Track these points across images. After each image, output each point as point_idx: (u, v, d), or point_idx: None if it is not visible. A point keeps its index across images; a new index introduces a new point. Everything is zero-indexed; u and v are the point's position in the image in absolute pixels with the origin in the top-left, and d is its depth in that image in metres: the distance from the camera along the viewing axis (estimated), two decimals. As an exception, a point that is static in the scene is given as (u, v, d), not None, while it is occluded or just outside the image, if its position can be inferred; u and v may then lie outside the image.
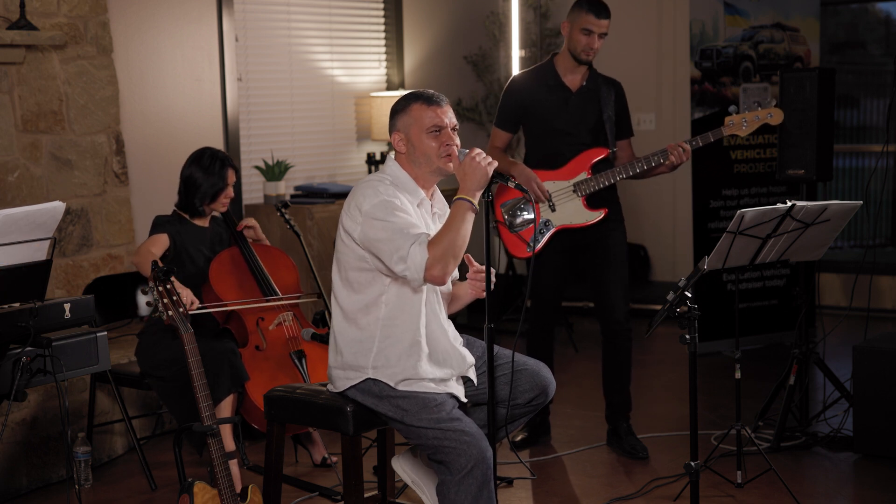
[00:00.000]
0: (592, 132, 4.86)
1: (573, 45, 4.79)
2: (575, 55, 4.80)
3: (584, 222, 4.83)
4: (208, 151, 4.73)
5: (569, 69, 4.86)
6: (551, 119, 4.85)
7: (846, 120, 8.85)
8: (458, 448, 3.31)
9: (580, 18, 4.75)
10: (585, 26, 4.74)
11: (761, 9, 6.78)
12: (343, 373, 3.50)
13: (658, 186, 8.12)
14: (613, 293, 4.89)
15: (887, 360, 4.72)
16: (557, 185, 4.83)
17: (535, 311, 5.05)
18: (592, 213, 4.83)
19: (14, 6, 5.09)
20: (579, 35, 4.76)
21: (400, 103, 3.55)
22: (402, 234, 3.33)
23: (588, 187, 4.81)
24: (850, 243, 8.76)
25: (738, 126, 4.78)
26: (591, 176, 4.81)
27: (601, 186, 4.80)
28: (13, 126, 5.14)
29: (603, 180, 4.80)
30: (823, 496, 4.43)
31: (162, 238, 4.59)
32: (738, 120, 4.77)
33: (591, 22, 4.73)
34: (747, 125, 4.78)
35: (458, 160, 3.45)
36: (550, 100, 4.85)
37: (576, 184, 4.82)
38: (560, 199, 4.82)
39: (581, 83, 4.86)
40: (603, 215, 4.84)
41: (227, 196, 4.72)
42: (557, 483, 4.66)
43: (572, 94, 4.86)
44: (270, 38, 6.86)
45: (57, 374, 3.87)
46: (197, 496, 3.61)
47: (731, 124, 4.77)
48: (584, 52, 4.78)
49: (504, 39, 8.07)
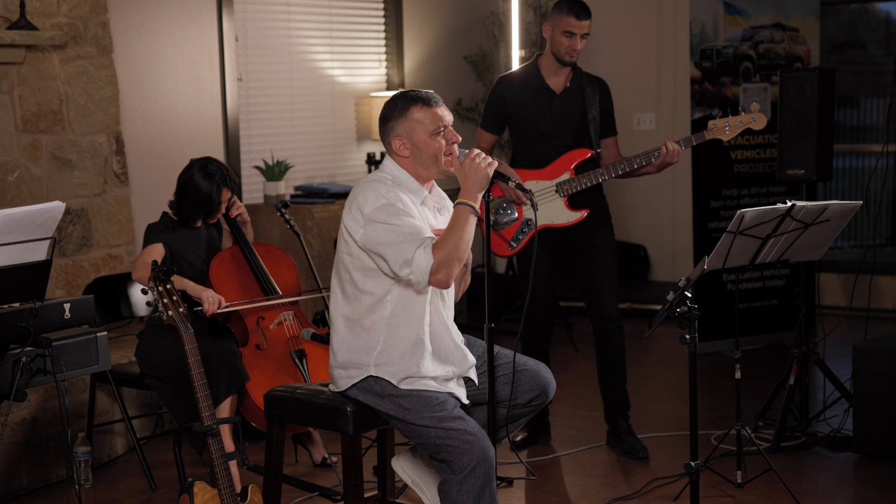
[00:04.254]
0: (575, 133, 4.87)
1: (556, 47, 4.80)
2: (558, 57, 4.81)
3: (565, 222, 4.84)
4: (215, 163, 4.68)
5: (552, 71, 4.87)
6: (535, 122, 4.87)
7: (846, 120, 8.85)
8: (461, 447, 3.31)
9: (561, 20, 4.76)
10: (567, 28, 4.74)
11: (761, 9, 6.78)
12: (345, 371, 3.50)
13: (658, 186, 8.12)
14: (602, 291, 4.90)
15: (887, 360, 4.72)
16: (540, 184, 4.84)
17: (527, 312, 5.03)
18: (573, 214, 4.84)
19: (14, 6, 5.09)
20: (561, 37, 4.76)
21: (395, 108, 3.49)
22: (406, 238, 3.32)
23: (570, 188, 4.82)
24: (850, 243, 8.76)
25: (720, 130, 4.76)
26: (573, 176, 4.83)
27: (583, 187, 4.82)
28: (13, 126, 5.14)
29: (585, 181, 4.81)
30: (823, 496, 4.43)
31: (157, 248, 4.55)
32: (721, 124, 4.76)
33: (572, 24, 4.74)
34: (730, 130, 4.76)
35: (459, 161, 3.45)
36: (534, 103, 4.86)
37: (558, 184, 4.83)
38: (542, 199, 4.82)
39: (565, 84, 4.88)
40: (584, 216, 4.84)
41: (219, 212, 4.68)
42: (557, 483, 4.66)
43: (556, 97, 4.87)
44: (270, 38, 6.86)
45: (57, 374, 3.87)
46: (197, 496, 3.62)
47: (715, 128, 4.76)
48: (567, 54, 4.78)
49: (504, 39, 8.07)
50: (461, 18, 8.10)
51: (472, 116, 8.06)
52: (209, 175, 4.59)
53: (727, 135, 4.78)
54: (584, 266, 4.94)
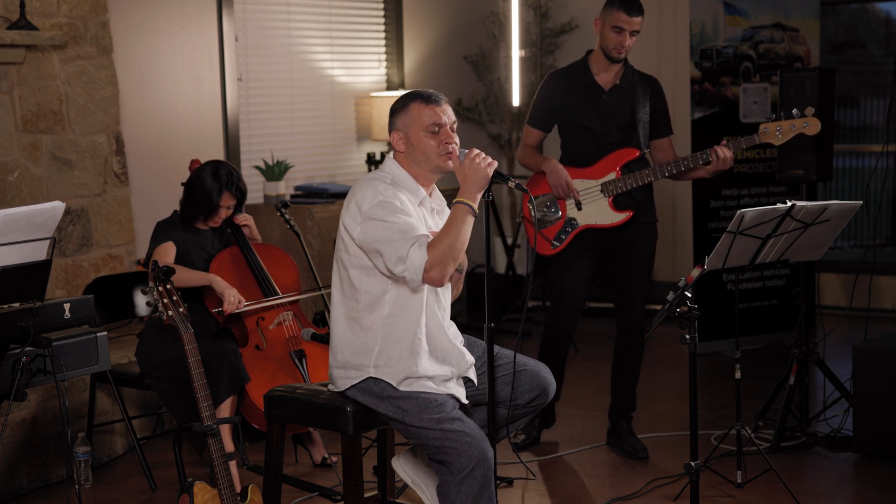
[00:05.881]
0: (623, 131, 4.80)
1: (605, 42, 4.74)
2: (607, 53, 4.75)
3: (608, 223, 4.79)
4: (227, 167, 4.65)
5: (602, 67, 4.81)
6: (581, 118, 4.80)
7: (846, 120, 8.85)
8: (459, 448, 3.31)
9: (612, 16, 4.70)
10: (617, 24, 4.69)
11: (761, 9, 6.78)
12: (344, 372, 3.50)
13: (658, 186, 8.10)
14: (634, 297, 4.87)
15: (887, 360, 4.72)
16: (585, 183, 4.79)
17: (553, 313, 4.96)
18: (618, 215, 4.79)
19: (14, 6, 5.09)
20: (610, 33, 4.71)
21: (399, 102, 3.55)
22: (402, 235, 3.33)
23: (615, 188, 4.76)
24: (850, 243, 8.77)
25: (772, 134, 4.65)
26: (619, 177, 4.77)
27: (629, 188, 4.76)
28: (13, 126, 5.14)
29: (631, 181, 4.75)
30: (823, 496, 4.43)
31: (169, 247, 4.57)
32: (773, 128, 4.65)
33: (622, 19, 4.68)
34: (782, 134, 4.65)
35: (459, 160, 3.46)
36: (581, 98, 4.80)
37: (603, 184, 4.78)
38: (587, 199, 4.78)
39: (614, 81, 4.81)
40: (628, 217, 4.79)
41: (219, 217, 4.68)
42: (557, 483, 4.66)
43: (604, 93, 4.80)
44: (270, 38, 6.86)
45: (57, 374, 3.87)
46: (197, 496, 3.62)
47: (766, 132, 4.66)
48: (615, 49, 4.72)
49: (504, 39, 8.07)
50: (461, 18, 8.10)
51: (472, 116, 8.06)
52: (216, 176, 4.60)
53: (779, 139, 4.66)
54: (619, 267, 4.89)
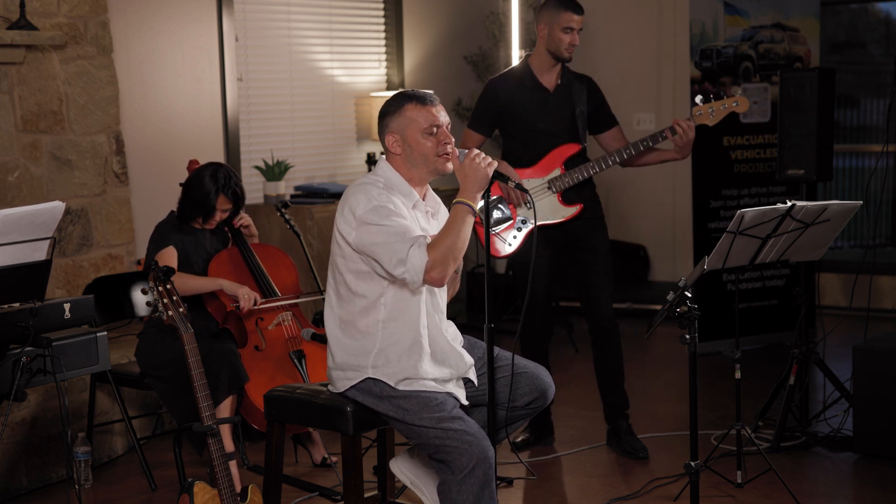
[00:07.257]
0: (569, 130, 4.90)
1: (555, 44, 4.81)
2: (557, 54, 4.83)
3: (561, 219, 4.85)
4: (226, 170, 4.65)
5: (545, 69, 4.89)
6: (533, 120, 4.87)
7: (846, 120, 8.85)
8: (460, 447, 3.30)
9: (560, 17, 4.79)
10: (567, 24, 4.78)
11: (761, 9, 6.78)
12: (343, 373, 3.50)
13: (658, 186, 8.13)
14: (597, 291, 4.91)
15: (887, 360, 4.72)
16: (532, 182, 4.84)
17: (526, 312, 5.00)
18: (568, 209, 4.85)
19: (14, 6, 5.09)
20: (561, 34, 4.79)
21: (392, 105, 3.52)
22: (399, 237, 3.32)
23: (562, 183, 4.82)
24: (850, 243, 8.76)
25: (705, 115, 4.77)
26: (564, 172, 4.84)
27: (575, 182, 4.82)
28: (13, 126, 5.14)
29: (577, 175, 4.82)
30: (823, 496, 4.43)
31: (170, 252, 4.57)
32: (706, 110, 4.77)
33: (573, 20, 4.79)
34: (714, 114, 4.77)
35: (459, 161, 3.45)
36: (530, 101, 4.88)
37: (550, 180, 4.84)
38: (536, 197, 4.82)
39: (557, 82, 4.90)
40: (578, 210, 4.85)
41: (214, 220, 4.67)
42: (557, 483, 4.66)
43: (550, 94, 4.89)
44: (270, 38, 6.86)
45: (57, 374, 3.87)
46: (197, 496, 3.62)
47: (699, 114, 4.77)
48: (567, 49, 4.82)
49: (504, 39, 8.07)
50: (461, 18, 8.10)
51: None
52: (215, 177, 4.60)
53: (712, 119, 4.78)
54: (578, 266, 4.94)
